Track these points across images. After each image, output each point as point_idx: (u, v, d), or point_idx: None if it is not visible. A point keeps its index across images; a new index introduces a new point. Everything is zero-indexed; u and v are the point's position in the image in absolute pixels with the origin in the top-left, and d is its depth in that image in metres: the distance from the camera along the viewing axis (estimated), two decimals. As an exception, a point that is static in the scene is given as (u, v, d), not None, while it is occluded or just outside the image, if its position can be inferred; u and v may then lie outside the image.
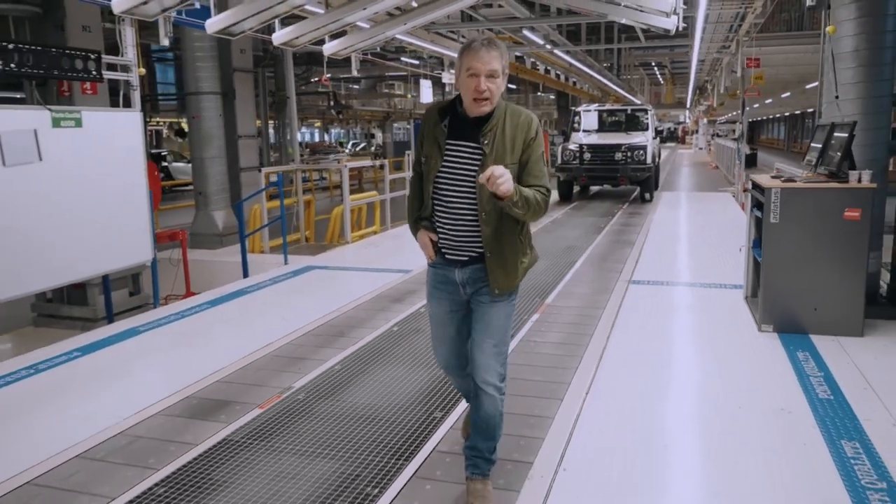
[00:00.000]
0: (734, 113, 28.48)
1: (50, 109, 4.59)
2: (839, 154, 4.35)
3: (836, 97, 4.83)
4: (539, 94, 33.40)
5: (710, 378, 3.81)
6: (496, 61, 2.25)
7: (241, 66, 9.78)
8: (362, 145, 36.39)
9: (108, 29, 7.12)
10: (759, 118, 55.99)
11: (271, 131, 16.28)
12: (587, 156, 12.84)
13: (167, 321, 5.10)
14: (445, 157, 2.37)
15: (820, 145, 4.79)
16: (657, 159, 14.29)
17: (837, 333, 4.35)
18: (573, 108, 18.75)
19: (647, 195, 12.83)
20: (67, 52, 4.70)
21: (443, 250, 2.46)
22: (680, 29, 7.02)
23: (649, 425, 3.17)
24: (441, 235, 2.44)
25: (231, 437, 3.15)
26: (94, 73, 4.87)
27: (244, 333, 4.81)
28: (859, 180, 4.28)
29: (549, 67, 19.87)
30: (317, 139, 37.14)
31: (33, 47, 4.47)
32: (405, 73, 23.62)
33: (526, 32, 11.22)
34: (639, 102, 27.72)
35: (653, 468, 2.79)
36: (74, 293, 6.56)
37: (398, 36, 8.84)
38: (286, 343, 4.52)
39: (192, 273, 7.43)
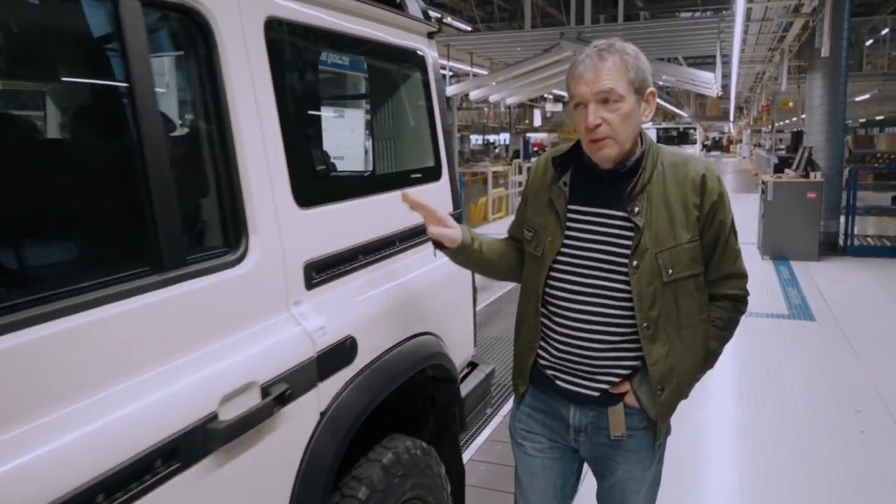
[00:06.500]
0: (779, 123, 31.61)
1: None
2: (805, 163, 8.13)
3: (803, 132, 8.59)
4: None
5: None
6: (612, 76, 1.37)
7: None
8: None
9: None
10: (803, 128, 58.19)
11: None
12: (647, 163, 16.53)
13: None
14: (569, 233, 1.49)
15: (798, 157, 8.57)
16: (703, 166, 17.90)
17: (804, 259, 8.07)
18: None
19: (696, 194, 16.45)
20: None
21: (549, 372, 1.55)
22: (720, 93, 10.69)
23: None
24: (552, 349, 1.54)
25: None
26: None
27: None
28: (815, 177, 8.03)
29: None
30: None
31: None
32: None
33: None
34: (685, 115, 31.11)
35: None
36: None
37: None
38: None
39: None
